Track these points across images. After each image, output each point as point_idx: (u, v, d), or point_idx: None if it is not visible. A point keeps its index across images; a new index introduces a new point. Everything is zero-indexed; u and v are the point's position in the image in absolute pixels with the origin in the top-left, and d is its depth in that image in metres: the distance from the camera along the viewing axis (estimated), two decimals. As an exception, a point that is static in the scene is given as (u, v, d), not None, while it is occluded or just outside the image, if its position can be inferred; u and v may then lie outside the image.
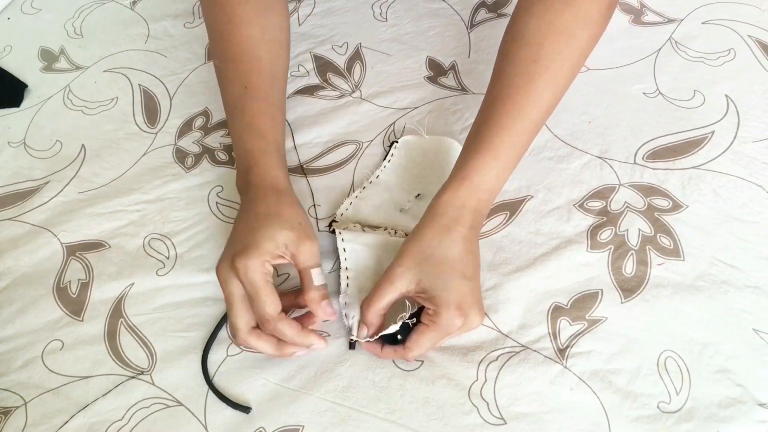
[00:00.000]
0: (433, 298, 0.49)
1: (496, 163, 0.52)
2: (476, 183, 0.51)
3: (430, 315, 0.49)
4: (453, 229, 0.50)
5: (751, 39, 0.69)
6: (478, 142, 0.52)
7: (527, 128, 0.52)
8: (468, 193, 0.51)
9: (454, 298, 0.48)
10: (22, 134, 0.73)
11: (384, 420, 0.50)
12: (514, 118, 0.52)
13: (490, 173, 0.52)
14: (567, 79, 0.54)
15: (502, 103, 0.52)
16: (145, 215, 0.64)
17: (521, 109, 0.52)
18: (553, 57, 0.51)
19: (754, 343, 0.51)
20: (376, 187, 0.62)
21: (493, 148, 0.52)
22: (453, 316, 0.48)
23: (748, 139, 0.62)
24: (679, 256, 0.55)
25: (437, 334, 0.49)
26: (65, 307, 0.59)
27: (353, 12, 0.79)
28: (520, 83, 0.52)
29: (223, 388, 0.53)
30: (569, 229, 0.58)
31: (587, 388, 0.50)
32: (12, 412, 0.54)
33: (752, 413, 0.48)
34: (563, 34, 0.51)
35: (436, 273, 0.49)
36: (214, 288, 0.58)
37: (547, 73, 0.52)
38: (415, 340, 0.50)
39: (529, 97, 0.52)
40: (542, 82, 0.52)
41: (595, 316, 0.53)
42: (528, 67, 0.52)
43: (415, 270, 0.50)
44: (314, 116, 0.70)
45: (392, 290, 0.50)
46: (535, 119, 0.52)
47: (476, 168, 0.51)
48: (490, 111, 0.53)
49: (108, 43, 0.81)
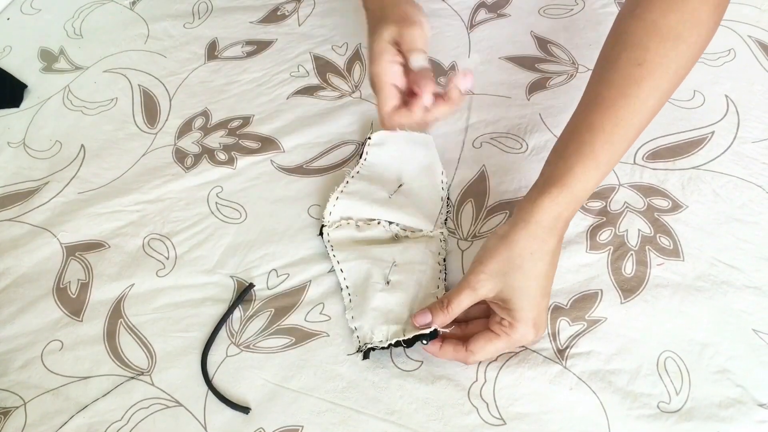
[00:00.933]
0: (513, 312, 0.47)
1: (596, 172, 0.48)
2: (576, 192, 0.48)
3: (503, 326, 0.48)
4: (547, 242, 0.48)
5: (751, 39, 0.69)
6: (578, 146, 0.49)
7: (629, 136, 0.49)
8: (567, 202, 0.48)
9: (533, 315, 0.47)
10: (21, 134, 0.73)
11: (384, 420, 0.50)
12: (616, 125, 0.48)
13: (590, 182, 0.48)
14: (673, 85, 0.49)
15: (605, 108, 0.48)
16: (144, 215, 0.64)
17: (625, 116, 0.48)
18: (658, 60, 0.48)
19: (753, 343, 0.51)
20: (358, 182, 0.62)
21: (596, 156, 0.48)
22: (528, 333, 0.48)
23: (748, 139, 0.62)
24: (679, 256, 0.55)
25: (506, 345, 0.49)
26: (65, 307, 0.59)
27: (353, 12, 0.79)
28: (623, 87, 0.48)
29: (223, 388, 0.53)
30: (569, 229, 0.58)
31: (587, 388, 0.50)
32: (11, 412, 0.54)
33: (752, 413, 0.48)
34: (669, 36, 0.48)
35: (522, 287, 0.47)
36: (214, 288, 0.58)
37: (652, 77, 0.48)
38: (481, 346, 0.48)
39: (633, 102, 0.48)
40: (646, 87, 0.48)
41: (594, 317, 0.53)
42: (632, 70, 0.48)
43: (500, 279, 0.47)
44: (314, 116, 0.70)
45: (473, 297, 0.48)
46: (637, 127, 0.49)
47: (578, 176, 0.48)
48: (590, 115, 0.49)
49: (108, 44, 0.81)
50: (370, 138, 0.64)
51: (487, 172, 0.63)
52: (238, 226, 0.62)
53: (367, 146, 0.64)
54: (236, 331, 0.56)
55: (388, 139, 0.64)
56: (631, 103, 0.48)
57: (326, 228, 0.59)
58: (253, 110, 0.71)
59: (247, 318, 0.56)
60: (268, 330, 0.55)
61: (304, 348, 0.54)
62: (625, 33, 0.50)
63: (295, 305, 0.56)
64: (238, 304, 0.57)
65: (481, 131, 0.66)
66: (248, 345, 0.55)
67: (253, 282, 0.58)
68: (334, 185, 0.63)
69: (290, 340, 0.55)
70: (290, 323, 0.56)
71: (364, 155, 0.63)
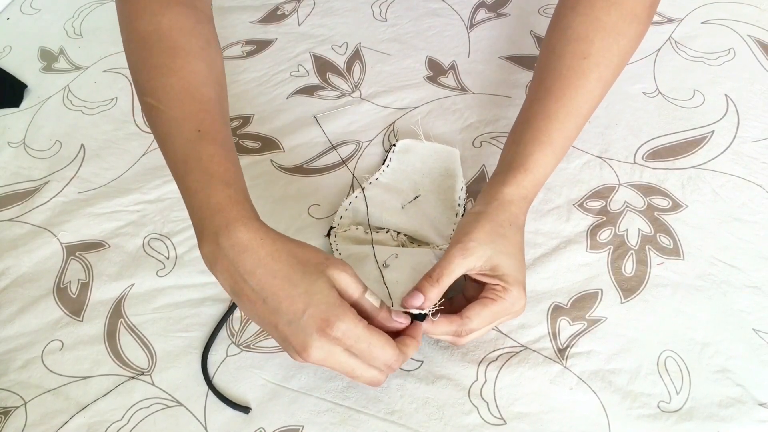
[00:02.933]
0: (505, 276, 0.47)
1: (553, 157, 0.52)
2: (536, 175, 0.51)
3: (497, 291, 0.48)
4: (519, 220, 0.50)
5: (751, 39, 0.69)
6: (534, 133, 0.52)
7: (579, 123, 0.53)
8: (530, 184, 0.51)
9: (522, 279, 0.48)
10: (21, 134, 0.73)
11: (384, 420, 0.50)
12: (568, 113, 0.52)
13: (548, 165, 0.52)
14: (615, 76, 0.53)
15: (555, 98, 0.52)
16: (144, 215, 0.64)
17: (575, 105, 0.52)
18: (603, 53, 0.52)
19: (754, 343, 0.51)
20: (374, 188, 0.61)
21: (551, 141, 0.51)
22: (520, 296, 0.48)
23: (748, 138, 0.62)
24: (679, 255, 0.55)
25: (501, 309, 0.48)
26: (65, 307, 0.59)
27: (353, 12, 0.79)
28: (572, 78, 0.52)
29: (223, 388, 0.53)
30: (569, 228, 0.58)
31: (587, 388, 0.50)
32: (12, 412, 0.54)
33: (752, 413, 0.48)
34: (611, 31, 0.51)
35: (509, 252, 0.48)
36: (213, 288, 0.58)
37: (598, 69, 0.52)
38: (477, 312, 0.48)
39: (582, 93, 0.52)
40: (593, 78, 0.52)
41: (594, 316, 0.53)
42: (579, 62, 0.52)
43: (489, 246, 0.48)
44: (314, 116, 0.70)
45: (463, 265, 0.47)
46: (585, 114, 0.53)
47: (537, 160, 0.51)
48: (543, 104, 0.52)
49: (107, 44, 0.81)
50: (395, 145, 0.63)
51: (487, 171, 0.63)
52: (238, 226, 0.62)
53: (392, 153, 0.63)
54: (236, 330, 0.56)
55: (413, 148, 0.63)
56: (580, 93, 0.51)
57: (334, 230, 0.59)
58: (253, 110, 0.71)
59: (247, 318, 0.56)
60: (269, 330, 0.55)
61: (305, 348, 0.54)
62: (569, 27, 0.53)
63: (295, 305, 0.56)
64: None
65: (481, 131, 0.66)
66: (248, 345, 0.55)
67: (253, 282, 0.58)
68: (336, 184, 0.63)
69: (290, 340, 0.55)
70: (290, 323, 0.55)
71: (387, 161, 0.63)
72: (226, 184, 0.47)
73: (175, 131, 0.49)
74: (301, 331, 0.43)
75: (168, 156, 0.50)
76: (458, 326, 0.48)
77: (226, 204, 0.46)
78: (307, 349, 0.43)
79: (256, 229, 0.45)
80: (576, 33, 0.52)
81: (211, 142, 0.48)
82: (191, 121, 0.49)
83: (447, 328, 0.48)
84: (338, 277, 0.45)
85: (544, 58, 0.55)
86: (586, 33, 0.52)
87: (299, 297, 0.43)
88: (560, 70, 0.52)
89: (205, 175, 0.47)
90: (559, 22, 0.55)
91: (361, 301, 0.46)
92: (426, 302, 0.47)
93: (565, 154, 0.54)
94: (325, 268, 0.44)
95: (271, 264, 0.44)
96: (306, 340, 0.43)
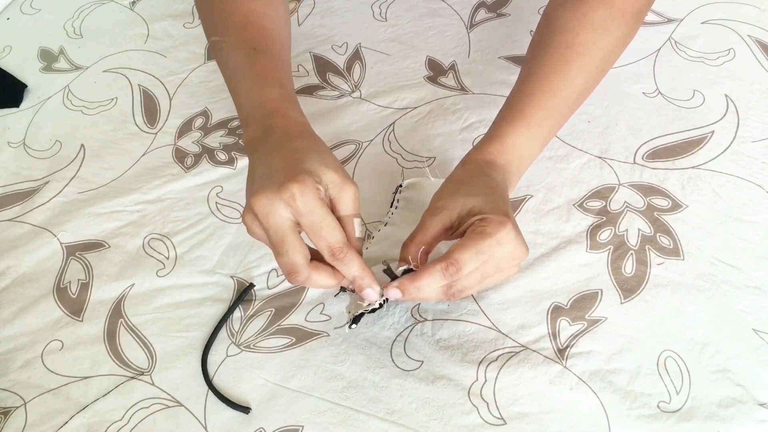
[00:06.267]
0: (483, 209, 0.45)
1: (527, 131, 0.52)
2: (506, 144, 0.51)
3: (477, 226, 0.45)
4: (483, 171, 0.50)
5: (751, 39, 0.69)
6: (510, 111, 0.53)
7: (558, 105, 0.53)
8: (498, 150, 0.51)
9: (505, 211, 0.46)
10: (21, 134, 0.73)
11: (384, 420, 0.50)
12: (545, 94, 0.53)
13: (520, 138, 0.52)
14: (600, 70, 0.55)
15: (536, 80, 0.53)
16: (144, 215, 0.64)
17: (553, 87, 0.53)
18: (587, 45, 0.53)
19: (753, 343, 0.51)
20: (383, 240, 0.57)
21: (525, 117, 0.52)
22: (507, 228, 0.44)
23: (748, 138, 0.62)
24: (679, 255, 0.55)
25: (488, 244, 0.44)
26: (65, 307, 0.59)
27: (353, 12, 0.79)
28: (554, 64, 0.53)
29: (223, 388, 0.53)
30: (569, 228, 0.58)
31: (587, 388, 0.50)
32: (12, 412, 0.54)
33: (752, 413, 0.48)
34: (598, 27, 0.53)
35: (482, 191, 0.47)
36: (214, 288, 0.58)
37: (581, 58, 0.53)
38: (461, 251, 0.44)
39: (561, 76, 0.53)
40: (575, 66, 0.53)
41: (594, 316, 0.53)
42: (562, 51, 0.53)
43: (457, 195, 0.47)
44: (314, 116, 0.70)
45: (436, 222, 0.47)
46: (566, 98, 0.53)
47: (508, 131, 0.52)
48: (523, 86, 0.54)
49: (108, 44, 0.81)
50: (402, 186, 0.60)
51: (487, 171, 0.63)
52: (238, 226, 0.62)
53: (399, 194, 0.60)
54: (236, 330, 0.56)
55: (420, 186, 0.60)
56: (560, 77, 0.53)
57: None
58: (253, 110, 0.71)
59: (247, 318, 0.56)
60: (269, 330, 0.55)
61: (305, 348, 0.54)
62: (557, 20, 0.54)
63: (295, 305, 0.56)
64: (239, 304, 0.57)
65: (481, 131, 0.66)
66: (248, 345, 0.55)
67: (253, 282, 0.58)
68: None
69: (290, 340, 0.55)
70: (290, 323, 0.56)
71: (394, 203, 0.60)
72: (280, 85, 0.52)
73: (235, 55, 0.54)
74: (265, 179, 0.43)
75: (227, 78, 0.55)
76: (446, 274, 0.44)
77: (278, 99, 0.50)
78: (256, 194, 0.42)
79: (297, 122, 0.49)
80: (562, 26, 0.54)
81: (266, 55, 0.53)
82: (248, 44, 0.54)
83: (434, 280, 0.45)
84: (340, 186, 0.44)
85: (530, 49, 0.57)
86: (571, 26, 0.53)
87: (291, 162, 0.44)
88: (543, 57, 0.54)
89: (259, 77, 0.52)
90: (547, 17, 0.56)
91: (345, 220, 0.45)
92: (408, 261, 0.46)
93: (546, 136, 0.54)
94: (334, 170, 0.44)
95: (287, 144, 0.46)
96: (262, 186, 0.43)
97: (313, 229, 0.43)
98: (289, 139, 0.47)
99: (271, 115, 0.49)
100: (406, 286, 0.46)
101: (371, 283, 0.46)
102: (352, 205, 0.45)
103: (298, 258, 0.44)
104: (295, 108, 0.51)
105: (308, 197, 0.42)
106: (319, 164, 0.44)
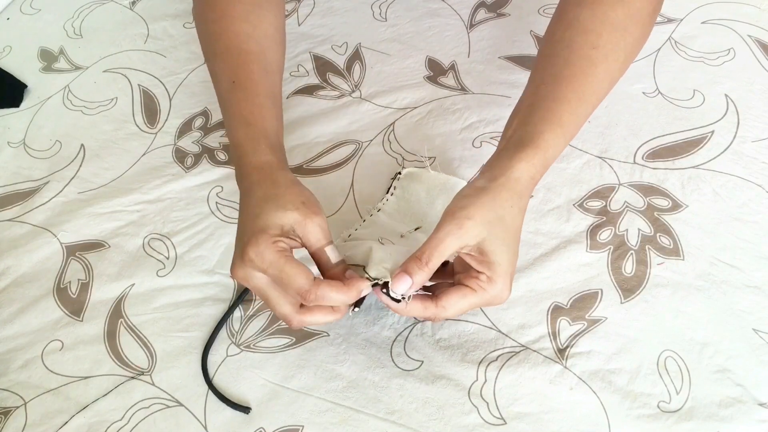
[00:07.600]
0: (493, 264, 0.44)
1: (563, 139, 0.50)
2: (547, 155, 0.49)
3: (480, 281, 0.45)
4: (522, 199, 0.47)
5: (751, 39, 0.69)
6: (544, 114, 0.50)
7: (587, 111, 0.52)
8: (540, 164, 0.48)
9: (511, 271, 0.46)
10: (21, 134, 0.73)
11: (384, 420, 0.50)
12: (579, 98, 0.50)
13: (557, 148, 0.49)
14: (620, 74, 0.53)
15: (567, 82, 0.51)
16: (145, 215, 0.64)
17: (586, 91, 0.51)
18: (611, 47, 0.51)
19: (753, 343, 0.51)
20: (373, 225, 0.58)
21: (562, 123, 0.49)
22: (505, 288, 0.45)
23: (748, 138, 0.62)
24: (679, 255, 0.55)
25: (481, 301, 0.45)
26: (65, 307, 0.59)
27: (353, 12, 0.79)
28: (582, 66, 0.51)
29: (223, 388, 0.53)
30: (569, 228, 0.58)
31: (587, 388, 0.50)
32: (12, 412, 0.54)
33: (752, 413, 0.48)
34: (619, 27, 0.51)
35: (503, 239, 0.45)
36: (214, 288, 0.58)
37: (606, 61, 0.51)
38: (455, 302, 0.45)
39: (592, 81, 0.51)
40: (602, 69, 0.51)
41: (594, 316, 0.53)
42: (588, 51, 0.51)
43: (485, 228, 0.45)
44: (314, 116, 0.70)
45: (458, 243, 0.44)
46: (593, 104, 0.52)
47: (548, 140, 0.48)
48: (551, 88, 0.51)
49: (107, 44, 0.81)
50: (400, 173, 0.61)
51: (487, 171, 0.63)
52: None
53: (396, 181, 0.60)
54: (236, 330, 0.56)
55: (418, 177, 0.60)
56: (589, 81, 0.51)
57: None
58: (253, 110, 0.71)
59: (247, 318, 0.56)
60: (269, 330, 0.55)
61: (305, 348, 0.54)
62: (576, 20, 0.52)
63: (295, 305, 0.56)
64: (239, 304, 0.57)
65: (480, 131, 0.66)
66: (248, 345, 0.55)
67: (253, 282, 0.58)
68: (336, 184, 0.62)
69: (290, 340, 0.55)
70: (290, 323, 0.55)
71: (391, 190, 0.60)
72: (246, 124, 0.54)
73: (218, 84, 0.58)
74: (237, 243, 0.48)
75: (219, 107, 0.59)
76: (432, 314, 0.46)
77: (243, 140, 0.53)
78: (233, 264, 0.47)
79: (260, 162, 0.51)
80: (583, 26, 0.52)
81: (241, 90, 0.56)
82: (229, 75, 0.57)
83: (420, 313, 0.46)
84: (302, 223, 0.46)
85: (549, 47, 0.54)
86: (593, 26, 0.51)
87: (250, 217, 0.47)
88: (569, 57, 0.51)
89: (233, 117, 0.55)
90: (564, 15, 0.54)
91: (318, 253, 0.47)
92: (412, 287, 0.45)
93: (570, 140, 0.52)
94: (293, 209, 0.46)
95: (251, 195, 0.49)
96: (234, 253, 0.47)
97: (279, 282, 0.45)
98: (250, 188, 0.50)
99: (240, 160, 0.52)
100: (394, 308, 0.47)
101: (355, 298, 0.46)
102: (321, 236, 0.47)
103: (284, 309, 0.46)
104: (260, 147, 0.52)
105: (263, 256, 0.44)
106: (275, 211, 0.46)
